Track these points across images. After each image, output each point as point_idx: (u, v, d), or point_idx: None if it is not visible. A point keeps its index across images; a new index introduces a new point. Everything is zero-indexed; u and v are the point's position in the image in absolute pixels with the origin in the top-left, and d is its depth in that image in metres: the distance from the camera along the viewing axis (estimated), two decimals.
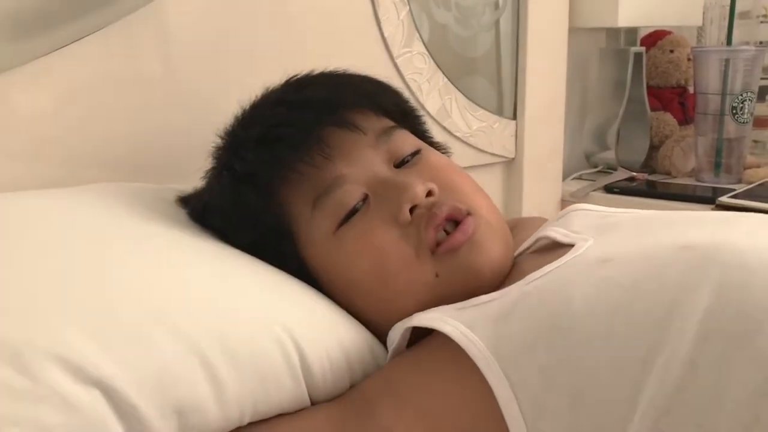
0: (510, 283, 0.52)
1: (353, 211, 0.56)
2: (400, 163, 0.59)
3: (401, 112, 0.64)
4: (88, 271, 0.47)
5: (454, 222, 0.55)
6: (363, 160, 0.57)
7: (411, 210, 0.55)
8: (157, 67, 0.76)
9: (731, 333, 0.40)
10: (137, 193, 0.62)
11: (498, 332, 0.46)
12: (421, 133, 0.66)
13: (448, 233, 0.55)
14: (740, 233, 0.50)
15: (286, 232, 0.58)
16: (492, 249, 0.55)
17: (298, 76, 0.63)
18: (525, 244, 0.62)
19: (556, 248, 0.56)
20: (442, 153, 0.66)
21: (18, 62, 0.65)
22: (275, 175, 0.57)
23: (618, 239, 0.54)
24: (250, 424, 0.48)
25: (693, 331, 0.41)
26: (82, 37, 0.68)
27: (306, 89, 0.60)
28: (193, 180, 0.64)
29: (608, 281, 0.46)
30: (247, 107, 0.62)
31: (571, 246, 0.55)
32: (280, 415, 0.50)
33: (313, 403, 0.52)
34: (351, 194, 0.56)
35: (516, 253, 0.62)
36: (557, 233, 0.58)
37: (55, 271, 0.47)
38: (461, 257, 0.54)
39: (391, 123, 0.61)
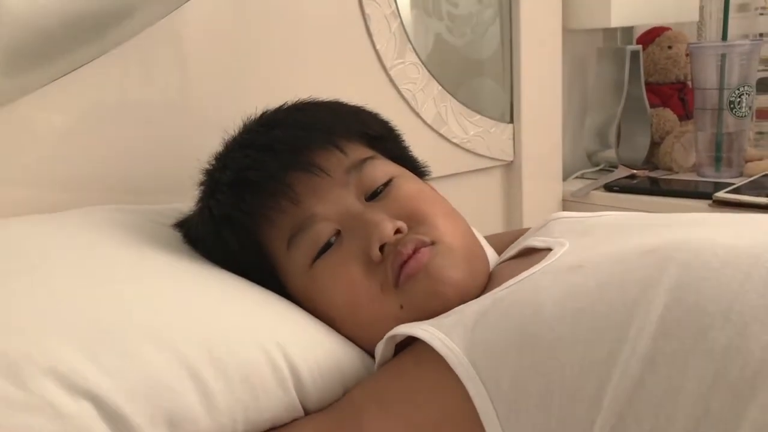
0: (489, 291, 0.54)
1: (326, 247, 0.58)
2: (372, 195, 0.60)
3: (377, 137, 0.65)
4: (81, 291, 0.51)
5: None
6: (333, 197, 0.59)
7: (381, 247, 0.56)
8: (170, 89, 0.79)
9: (687, 328, 0.42)
10: (135, 215, 0.66)
11: (473, 338, 0.48)
12: (400, 154, 0.67)
13: None
14: (704, 233, 0.51)
15: (267, 266, 0.60)
16: (449, 273, 0.56)
17: (270, 113, 0.64)
18: (508, 254, 0.65)
19: (534, 254, 0.59)
20: (421, 171, 0.68)
21: (17, 95, 0.67)
22: (248, 218, 0.59)
23: (591, 245, 0.56)
24: None
25: (652, 328, 0.42)
26: (86, 63, 0.71)
27: (275, 130, 0.61)
28: None
29: (576, 287, 0.48)
30: (224, 144, 0.64)
31: (549, 250, 0.57)
32: (273, 428, 0.53)
33: (306, 411, 0.54)
34: (323, 231, 0.58)
35: (499, 261, 0.64)
36: (536, 241, 0.60)
37: (49, 291, 0.50)
38: (419, 285, 0.55)
39: (363, 154, 0.62)
